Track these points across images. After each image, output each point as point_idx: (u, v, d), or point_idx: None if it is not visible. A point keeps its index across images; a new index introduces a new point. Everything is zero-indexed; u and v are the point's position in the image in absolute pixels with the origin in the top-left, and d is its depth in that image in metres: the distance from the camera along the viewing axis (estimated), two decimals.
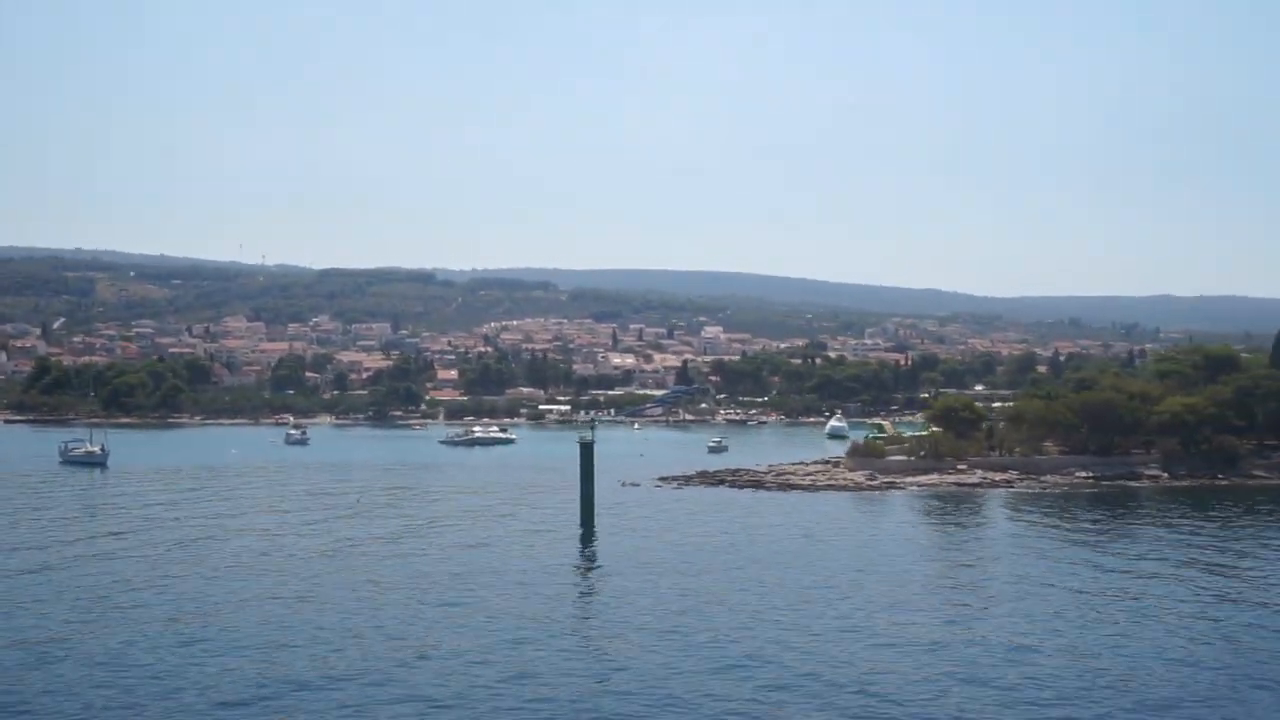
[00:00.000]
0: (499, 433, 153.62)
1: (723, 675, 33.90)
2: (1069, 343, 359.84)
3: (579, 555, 57.11)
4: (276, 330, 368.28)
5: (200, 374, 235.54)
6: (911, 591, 46.89)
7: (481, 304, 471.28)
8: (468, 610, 42.58)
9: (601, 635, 39.10)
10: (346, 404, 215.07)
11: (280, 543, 59.37)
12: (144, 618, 40.91)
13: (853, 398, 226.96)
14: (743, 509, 74.15)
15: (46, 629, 39.28)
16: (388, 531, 63.95)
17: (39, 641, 37.51)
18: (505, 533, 64.01)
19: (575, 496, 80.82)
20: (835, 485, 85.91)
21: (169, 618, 40.85)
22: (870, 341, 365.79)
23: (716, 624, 40.20)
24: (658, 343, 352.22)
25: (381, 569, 51.24)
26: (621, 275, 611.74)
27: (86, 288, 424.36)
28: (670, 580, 48.89)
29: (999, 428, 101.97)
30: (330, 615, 41.52)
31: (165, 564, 52.30)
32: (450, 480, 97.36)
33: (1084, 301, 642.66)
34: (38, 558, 54.12)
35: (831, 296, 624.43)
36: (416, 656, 35.70)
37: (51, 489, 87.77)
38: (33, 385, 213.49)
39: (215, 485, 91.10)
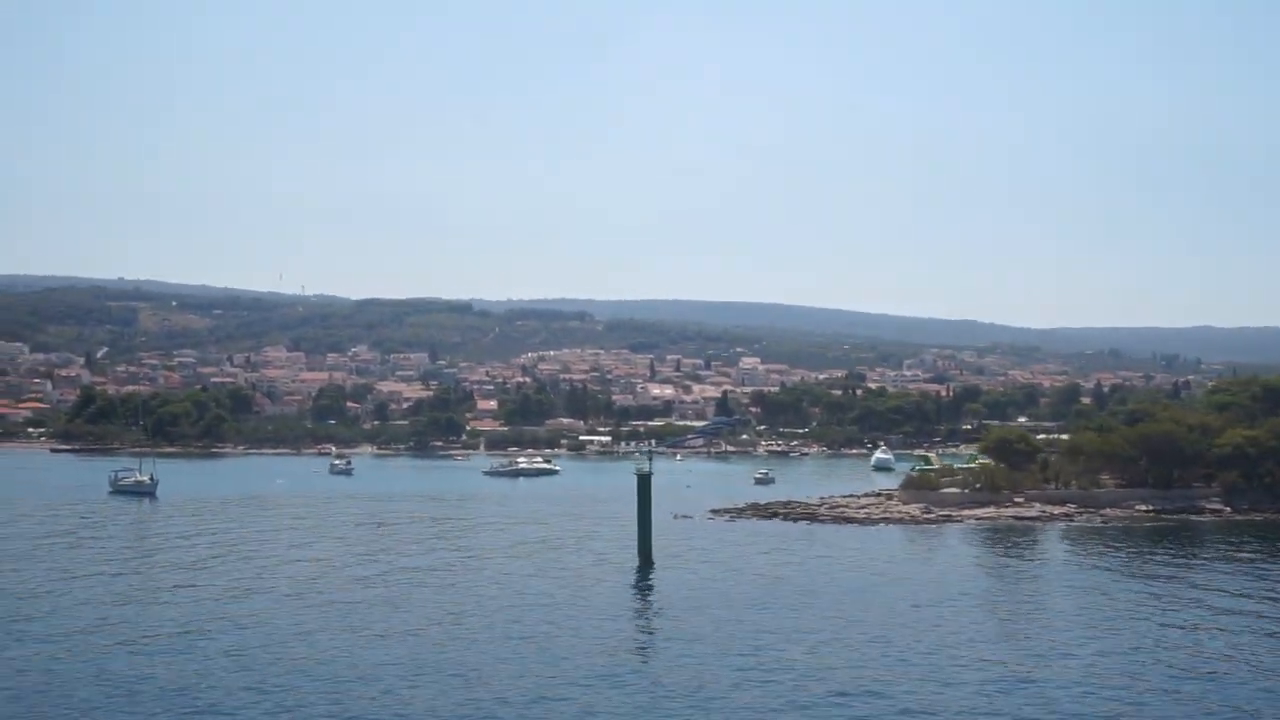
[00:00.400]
0: (543, 463, 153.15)
1: (810, 713, 33.06)
2: (1110, 374, 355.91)
3: (640, 589, 56.47)
4: (316, 360, 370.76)
5: (242, 403, 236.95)
6: (992, 628, 45.80)
7: (518, 334, 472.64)
8: (536, 647, 41.95)
9: (676, 673, 38.31)
10: (388, 434, 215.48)
11: (347, 574, 59.07)
12: (241, 646, 40.61)
13: (895, 429, 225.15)
14: (800, 542, 73.14)
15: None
16: (444, 563, 63.56)
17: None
18: (563, 565, 63.33)
19: (628, 528, 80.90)
20: (890, 518, 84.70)
21: (234, 650, 40.57)
22: (909, 373, 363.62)
23: (795, 661, 39.37)
24: (695, 373, 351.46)
25: (441, 602, 50.71)
26: (657, 306, 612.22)
27: (129, 317, 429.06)
28: (738, 615, 48.09)
29: (1053, 460, 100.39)
30: (398, 648, 41.03)
31: (239, 596, 52.05)
32: (500, 511, 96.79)
33: (1123, 332, 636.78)
34: (113, 588, 54.02)
35: (868, 327, 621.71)
36: (495, 699, 35.07)
37: (104, 520, 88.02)
38: (78, 414, 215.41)
39: (268, 516, 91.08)
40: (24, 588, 53.87)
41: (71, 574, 58.14)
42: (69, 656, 39.49)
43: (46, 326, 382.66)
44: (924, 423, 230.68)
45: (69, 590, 53.33)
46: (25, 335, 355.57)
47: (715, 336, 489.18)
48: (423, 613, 48.15)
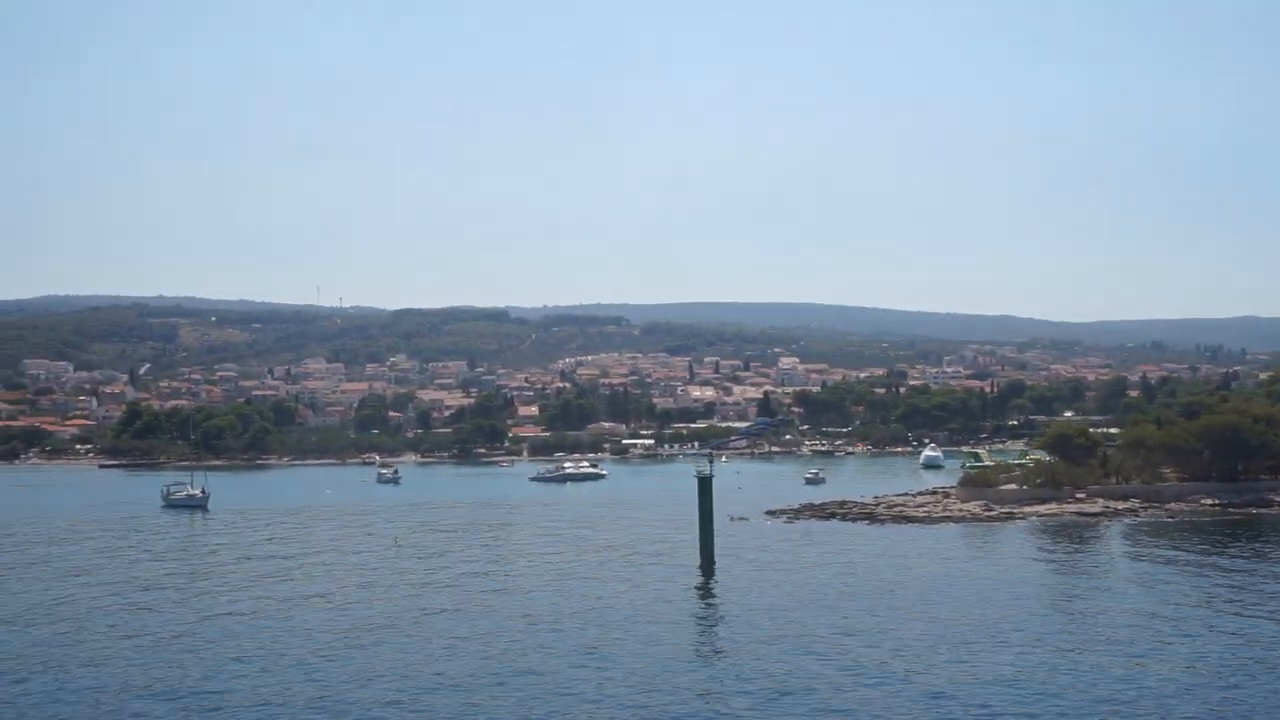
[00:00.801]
0: (590, 468, 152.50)
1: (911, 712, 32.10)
2: (1154, 366, 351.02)
3: (705, 592, 55.49)
4: (355, 370, 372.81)
5: (285, 415, 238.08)
6: (1086, 631, 44.49)
7: (555, 340, 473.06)
8: (607, 653, 41.13)
9: (758, 675, 37.35)
10: (431, 442, 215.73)
11: (414, 582, 58.57)
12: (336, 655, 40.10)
13: (940, 426, 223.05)
14: (862, 543, 71.98)
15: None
16: (507, 570, 62.85)
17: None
18: (626, 571, 62.39)
19: (684, 531, 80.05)
20: (951, 517, 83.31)
21: (317, 652, 40.03)
22: (951, 370, 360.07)
23: (880, 662, 38.35)
24: (735, 375, 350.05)
25: (513, 610, 50.04)
26: (692, 309, 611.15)
27: (170, 333, 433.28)
28: (812, 617, 47.12)
29: (1113, 455, 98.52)
30: (474, 658, 40.36)
31: (313, 609, 51.67)
32: (554, 517, 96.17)
33: (1164, 325, 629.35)
34: (195, 605, 53.81)
35: (904, 325, 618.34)
36: (580, 702, 34.38)
37: (161, 532, 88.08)
38: (124, 430, 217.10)
39: (322, 526, 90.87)
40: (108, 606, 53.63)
41: (137, 586, 58.04)
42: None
43: (90, 345, 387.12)
44: (969, 419, 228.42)
45: (155, 606, 53.06)
46: (70, 354, 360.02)
47: (752, 338, 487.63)
48: (497, 621, 47.40)
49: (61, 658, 41.63)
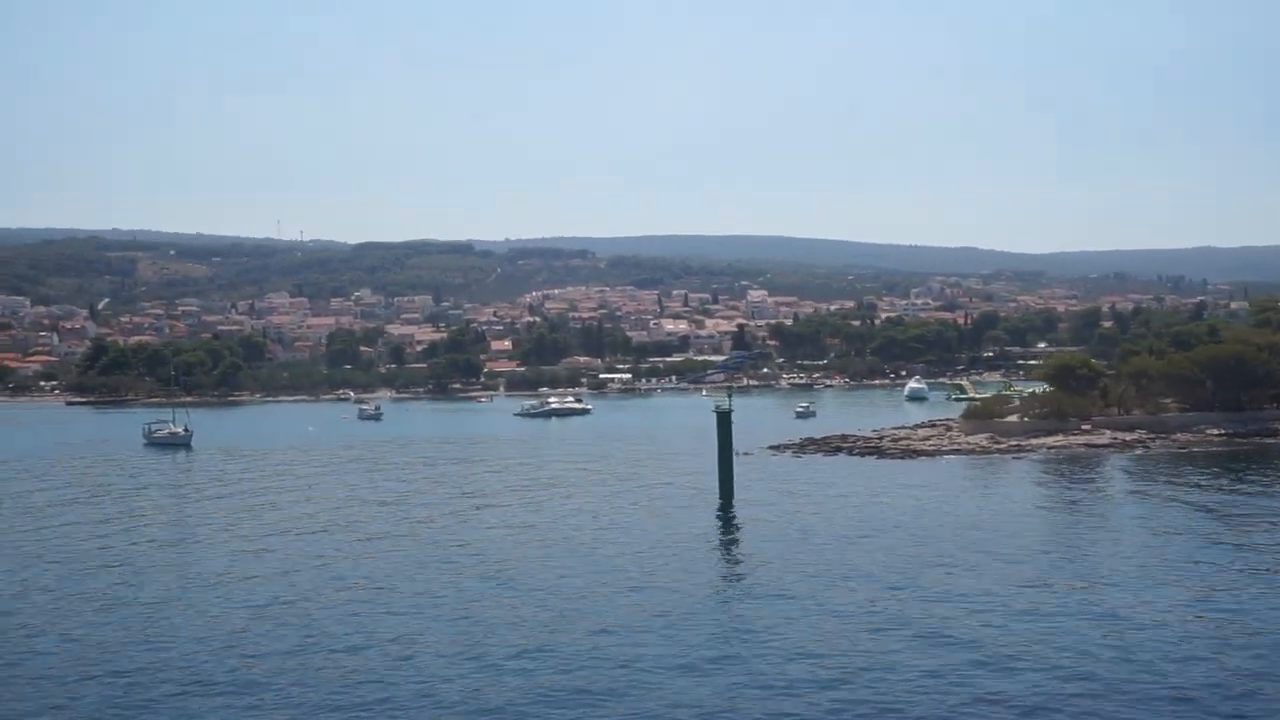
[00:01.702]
0: (574, 403, 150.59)
1: (996, 669, 30.52)
2: (1119, 297, 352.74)
3: (731, 527, 53.88)
4: (319, 305, 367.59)
5: (255, 351, 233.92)
6: (1136, 565, 43.27)
7: (521, 274, 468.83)
8: (648, 590, 39.34)
9: (794, 609, 35.73)
10: (405, 378, 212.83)
11: (429, 519, 56.45)
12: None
13: (916, 359, 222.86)
14: (876, 477, 70.63)
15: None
16: (523, 509, 60.79)
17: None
18: (646, 507, 60.49)
19: (689, 466, 78.66)
20: (960, 450, 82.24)
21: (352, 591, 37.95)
22: (920, 301, 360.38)
23: (916, 590, 36.80)
24: (704, 308, 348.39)
25: (543, 547, 48.10)
26: (657, 241, 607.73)
27: (128, 268, 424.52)
28: (840, 552, 45.54)
29: (1113, 386, 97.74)
30: (536, 601, 38.45)
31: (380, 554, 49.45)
32: (551, 452, 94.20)
33: (1124, 255, 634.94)
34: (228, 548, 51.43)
35: (869, 257, 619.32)
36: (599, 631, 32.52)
37: (156, 472, 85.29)
38: (90, 366, 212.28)
39: (317, 464, 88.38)
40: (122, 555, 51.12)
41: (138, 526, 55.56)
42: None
43: (46, 279, 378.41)
44: (945, 351, 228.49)
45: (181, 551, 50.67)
46: (26, 289, 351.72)
47: (719, 271, 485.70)
48: (530, 562, 45.42)
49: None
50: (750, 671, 30.06)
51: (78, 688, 29.81)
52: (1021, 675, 29.34)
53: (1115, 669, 29.77)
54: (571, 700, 28.19)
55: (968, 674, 29.52)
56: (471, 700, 28.41)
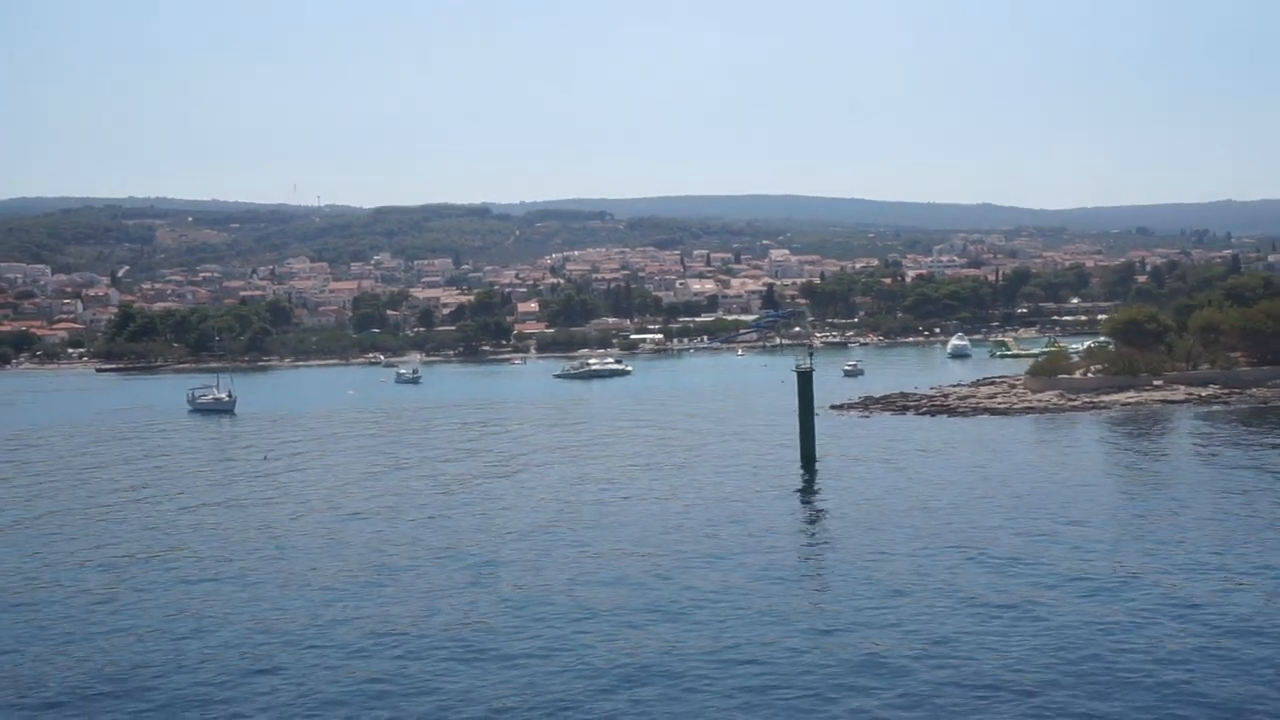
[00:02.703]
0: (615, 364, 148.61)
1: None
2: (1145, 252, 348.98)
3: (818, 493, 50.91)
4: (339, 270, 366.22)
5: (282, 316, 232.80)
6: (1231, 513, 41.11)
7: (539, 236, 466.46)
8: (730, 559, 37.19)
9: (907, 574, 33.69)
10: (435, 341, 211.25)
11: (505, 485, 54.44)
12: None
13: (950, 316, 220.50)
14: (955, 436, 68.37)
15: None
16: (605, 473, 58.66)
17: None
18: (725, 472, 57.77)
19: (753, 427, 76.72)
20: (1034, 407, 79.97)
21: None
22: (946, 259, 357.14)
23: (1025, 554, 34.70)
24: (728, 268, 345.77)
25: (630, 514, 45.84)
26: (673, 203, 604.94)
27: (147, 235, 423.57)
28: (942, 518, 43.04)
29: (1181, 340, 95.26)
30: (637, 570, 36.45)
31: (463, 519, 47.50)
32: (605, 414, 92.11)
33: (1143, 211, 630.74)
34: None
35: (884, 215, 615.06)
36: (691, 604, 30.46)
37: (209, 438, 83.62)
38: (118, 333, 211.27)
39: (373, 428, 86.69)
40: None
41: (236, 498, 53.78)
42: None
43: (65, 248, 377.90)
44: (979, 308, 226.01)
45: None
46: (46, 257, 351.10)
47: (738, 231, 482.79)
48: (625, 530, 43.23)
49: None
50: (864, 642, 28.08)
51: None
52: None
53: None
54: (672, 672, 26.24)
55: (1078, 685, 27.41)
56: (623, 659, 26.49)
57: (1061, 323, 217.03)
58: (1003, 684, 24.88)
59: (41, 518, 48.99)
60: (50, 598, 34.39)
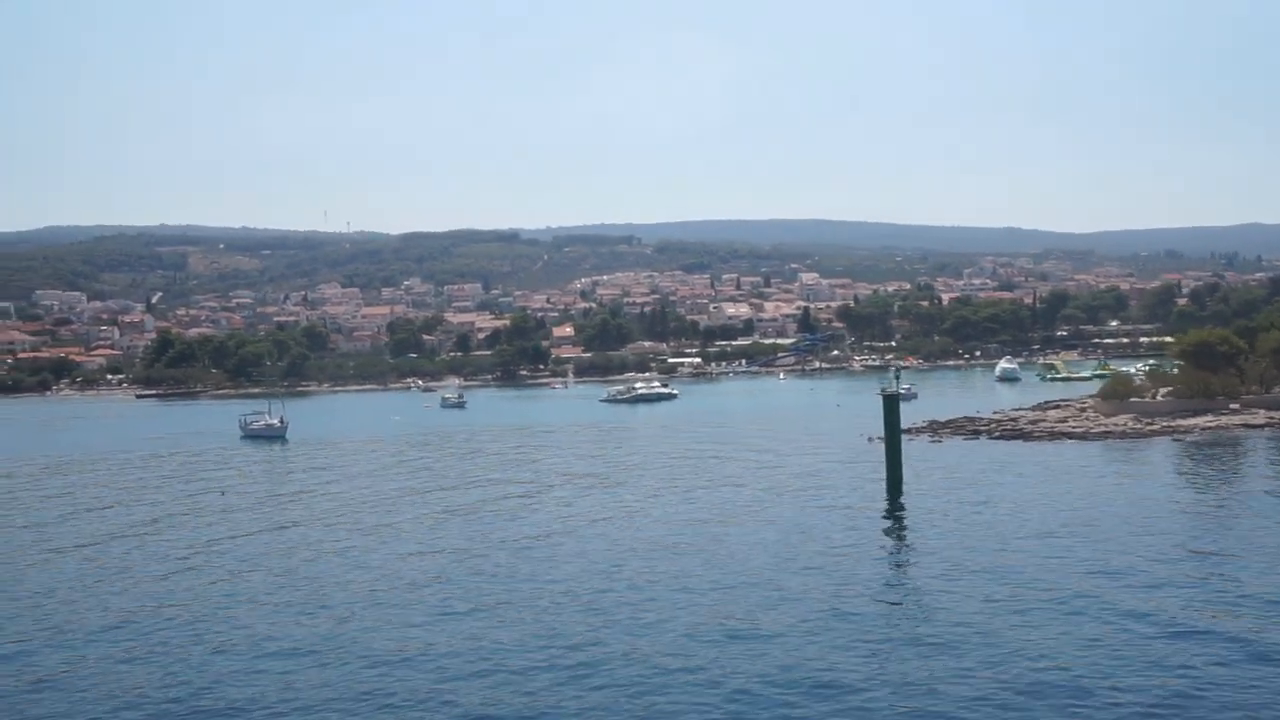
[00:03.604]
0: (661, 388, 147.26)
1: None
2: (1177, 274, 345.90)
3: (915, 525, 48.50)
4: (371, 295, 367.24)
5: (318, 341, 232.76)
6: None
7: (568, 261, 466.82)
8: (831, 609, 35.79)
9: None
10: (473, 365, 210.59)
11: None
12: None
13: (989, 338, 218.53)
14: (1036, 461, 66.48)
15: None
16: (679, 503, 57.12)
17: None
18: (809, 502, 55.80)
19: (826, 453, 74.96)
20: (1112, 432, 78.16)
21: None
22: (977, 281, 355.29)
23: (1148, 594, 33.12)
24: (759, 291, 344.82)
25: (733, 544, 44.32)
26: (699, 227, 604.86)
27: (179, 262, 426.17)
28: (1051, 549, 41.22)
29: (1251, 363, 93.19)
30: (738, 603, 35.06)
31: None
32: (661, 439, 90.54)
33: (1169, 234, 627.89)
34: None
35: (910, 239, 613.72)
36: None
37: (266, 465, 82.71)
38: (157, 359, 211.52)
39: (432, 452, 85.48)
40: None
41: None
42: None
43: (100, 275, 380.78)
44: (1018, 331, 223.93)
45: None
46: (81, 284, 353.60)
47: (765, 254, 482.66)
48: (728, 563, 41.70)
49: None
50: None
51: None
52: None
53: None
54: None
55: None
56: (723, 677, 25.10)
57: (1103, 345, 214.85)
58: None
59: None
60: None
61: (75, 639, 32.61)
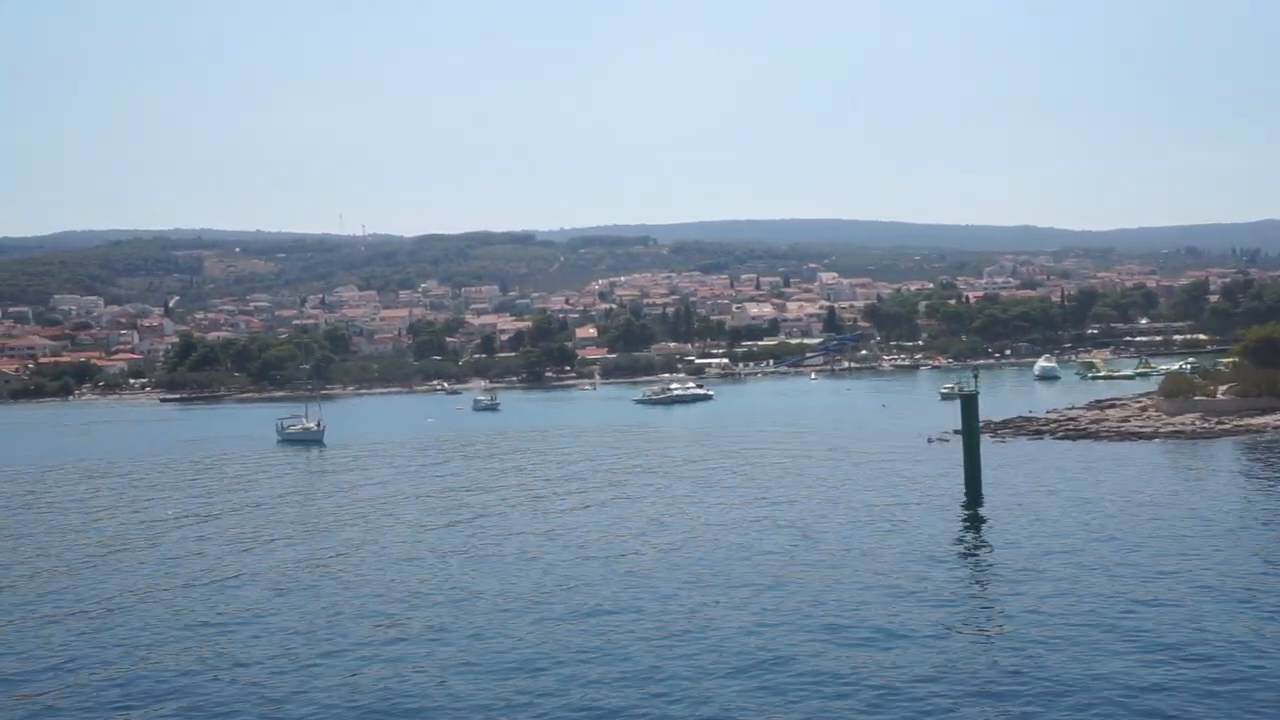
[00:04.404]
0: (696, 389, 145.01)
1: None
2: (1199, 271, 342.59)
3: (1010, 529, 46.21)
4: (388, 298, 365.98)
5: (340, 344, 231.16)
6: None
7: (584, 262, 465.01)
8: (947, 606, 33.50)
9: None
10: (499, 367, 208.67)
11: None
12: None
13: (1020, 337, 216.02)
14: (1109, 462, 63.84)
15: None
16: (751, 501, 54.85)
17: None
18: (884, 504, 53.65)
19: (879, 454, 72.66)
20: (1180, 431, 75.72)
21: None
22: (1000, 280, 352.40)
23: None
24: (779, 292, 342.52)
25: (822, 550, 42.12)
26: (714, 227, 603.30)
27: (195, 266, 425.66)
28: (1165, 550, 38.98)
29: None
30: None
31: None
32: (705, 442, 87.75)
33: (1188, 230, 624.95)
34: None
35: (924, 238, 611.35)
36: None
37: (308, 470, 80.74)
38: (180, 363, 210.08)
39: (479, 456, 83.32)
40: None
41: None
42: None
43: (116, 279, 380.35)
44: (1048, 329, 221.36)
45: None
46: (98, 289, 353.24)
47: (781, 254, 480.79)
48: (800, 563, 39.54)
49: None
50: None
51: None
52: None
53: None
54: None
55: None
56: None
57: (1135, 344, 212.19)
58: None
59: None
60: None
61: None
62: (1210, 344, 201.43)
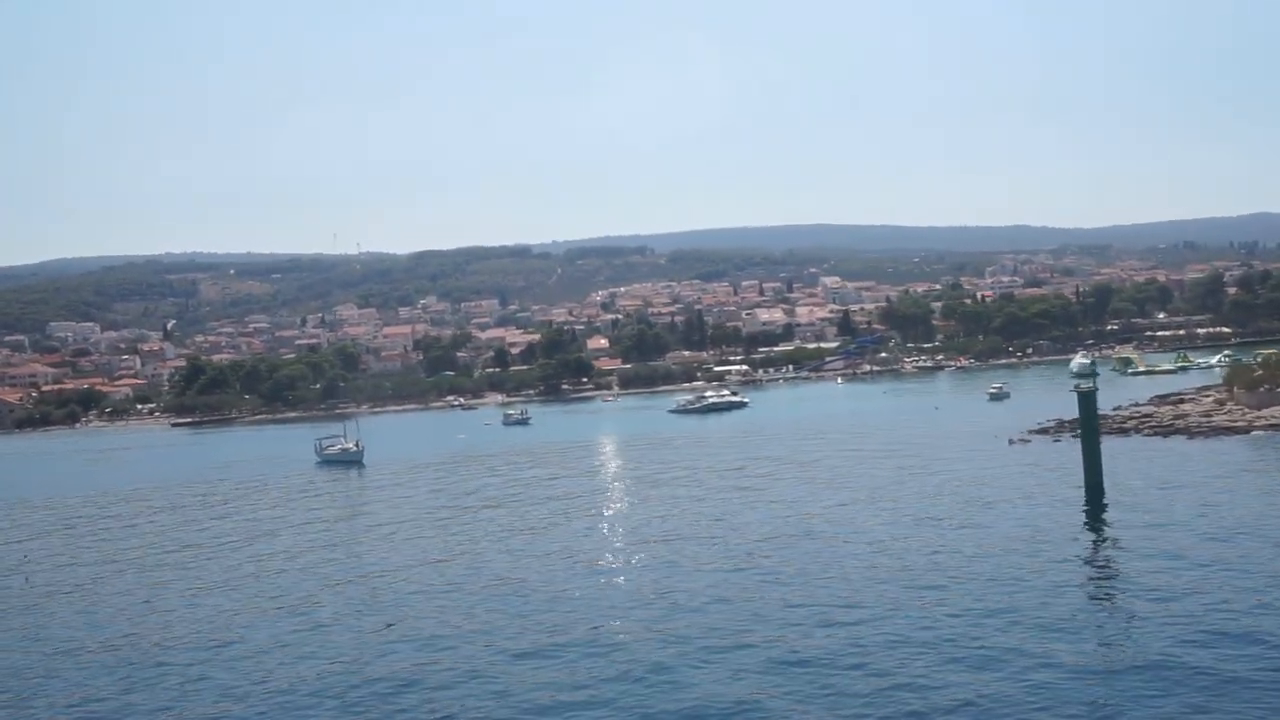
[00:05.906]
0: (731, 397, 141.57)
1: None
2: (1201, 265, 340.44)
3: (1151, 535, 43.06)
4: (388, 315, 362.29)
5: (350, 363, 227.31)
6: None
7: (582, 274, 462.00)
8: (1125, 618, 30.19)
9: None
10: (515, 381, 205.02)
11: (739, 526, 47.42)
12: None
13: (1041, 335, 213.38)
14: (1224, 461, 60.97)
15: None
16: (838, 518, 51.41)
17: None
18: (998, 507, 50.33)
19: (965, 462, 69.29)
20: (1275, 424, 72.65)
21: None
22: (1006, 279, 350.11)
23: None
24: (784, 297, 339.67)
25: (950, 563, 38.66)
26: (709, 235, 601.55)
27: (190, 289, 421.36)
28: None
29: None
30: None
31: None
32: (757, 452, 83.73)
33: (1181, 225, 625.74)
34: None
35: (917, 240, 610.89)
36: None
37: (355, 492, 77.16)
38: (188, 386, 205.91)
39: (521, 475, 79.66)
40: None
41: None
42: None
43: (111, 305, 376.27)
44: (1068, 326, 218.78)
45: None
46: (94, 315, 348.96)
47: (779, 260, 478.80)
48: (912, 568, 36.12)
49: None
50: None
51: None
52: None
53: None
54: None
55: None
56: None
57: (1157, 338, 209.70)
58: None
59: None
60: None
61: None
62: (1235, 336, 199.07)
